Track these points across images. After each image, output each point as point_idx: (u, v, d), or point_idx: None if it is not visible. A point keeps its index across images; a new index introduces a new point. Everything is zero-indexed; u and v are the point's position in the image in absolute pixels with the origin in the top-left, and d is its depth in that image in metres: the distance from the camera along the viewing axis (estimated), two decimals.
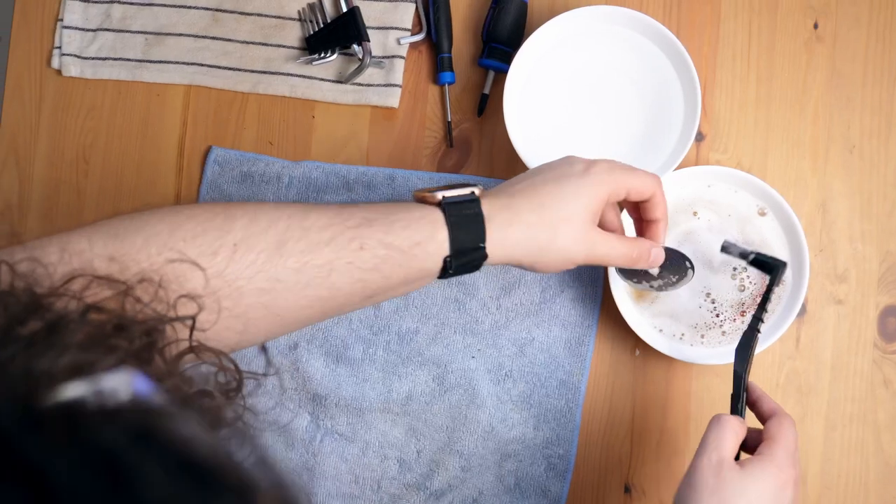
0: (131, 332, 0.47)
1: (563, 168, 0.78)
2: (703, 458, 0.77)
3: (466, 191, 0.76)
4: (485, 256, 0.74)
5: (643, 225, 0.85)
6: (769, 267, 0.87)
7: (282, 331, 0.74)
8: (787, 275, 0.98)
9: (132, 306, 0.54)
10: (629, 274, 0.91)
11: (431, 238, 0.73)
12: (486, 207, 0.75)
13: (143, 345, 0.47)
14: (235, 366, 0.59)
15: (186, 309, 0.58)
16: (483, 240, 0.74)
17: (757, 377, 1.01)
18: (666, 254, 0.84)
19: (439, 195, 0.75)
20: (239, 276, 0.68)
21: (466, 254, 0.74)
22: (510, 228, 0.75)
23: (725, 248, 0.89)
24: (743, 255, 0.88)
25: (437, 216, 0.74)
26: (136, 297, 0.54)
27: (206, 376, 0.55)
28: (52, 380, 0.38)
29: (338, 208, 0.74)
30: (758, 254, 0.87)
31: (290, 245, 0.69)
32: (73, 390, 0.38)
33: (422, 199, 0.76)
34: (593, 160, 0.79)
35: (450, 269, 0.74)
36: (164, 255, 0.65)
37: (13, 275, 0.48)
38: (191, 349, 0.57)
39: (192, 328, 0.58)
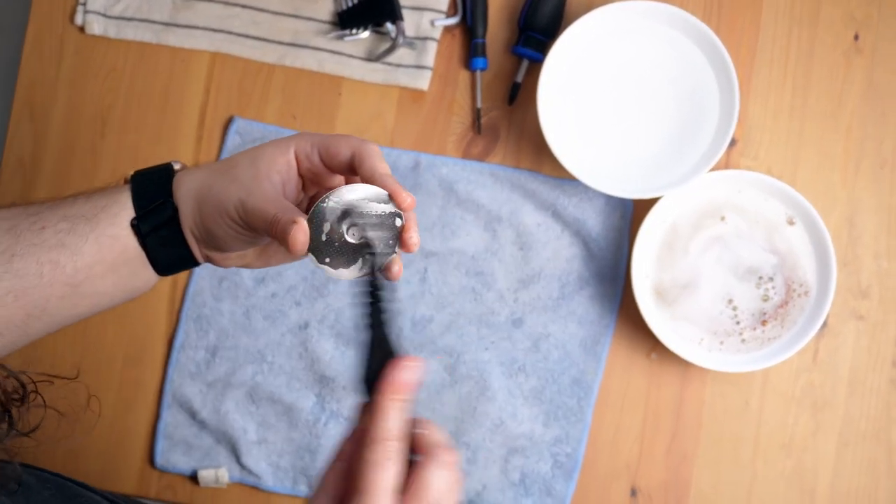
0: None
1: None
2: None
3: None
4: (174, 213, 0.67)
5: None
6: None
7: None
8: (813, 286, 0.97)
9: None
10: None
11: (115, 201, 0.68)
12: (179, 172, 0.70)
13: None
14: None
15: None
16: (169, 191, 0.67)
17: (772, 389, 1.00)
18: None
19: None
20: None
21: (154, 213, 0.67)
22: (196, 172, 0.68)
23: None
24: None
25: (124, 186, 0.69)
26: None
27: None
28: None
29: (29, 203, 0.69)
30: (374, 280, 0.60)
31: None
32: None
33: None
34: None
35: (143, 236, 0.67)
36: None
37: None
38: None
39: None
